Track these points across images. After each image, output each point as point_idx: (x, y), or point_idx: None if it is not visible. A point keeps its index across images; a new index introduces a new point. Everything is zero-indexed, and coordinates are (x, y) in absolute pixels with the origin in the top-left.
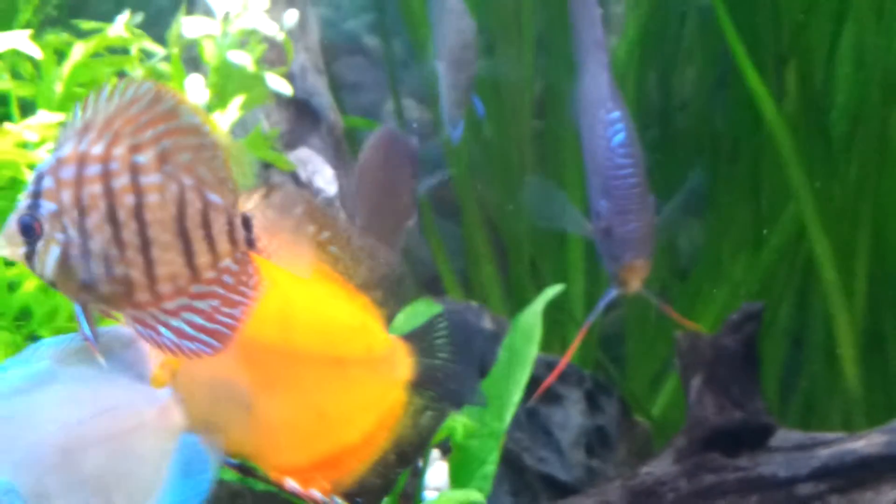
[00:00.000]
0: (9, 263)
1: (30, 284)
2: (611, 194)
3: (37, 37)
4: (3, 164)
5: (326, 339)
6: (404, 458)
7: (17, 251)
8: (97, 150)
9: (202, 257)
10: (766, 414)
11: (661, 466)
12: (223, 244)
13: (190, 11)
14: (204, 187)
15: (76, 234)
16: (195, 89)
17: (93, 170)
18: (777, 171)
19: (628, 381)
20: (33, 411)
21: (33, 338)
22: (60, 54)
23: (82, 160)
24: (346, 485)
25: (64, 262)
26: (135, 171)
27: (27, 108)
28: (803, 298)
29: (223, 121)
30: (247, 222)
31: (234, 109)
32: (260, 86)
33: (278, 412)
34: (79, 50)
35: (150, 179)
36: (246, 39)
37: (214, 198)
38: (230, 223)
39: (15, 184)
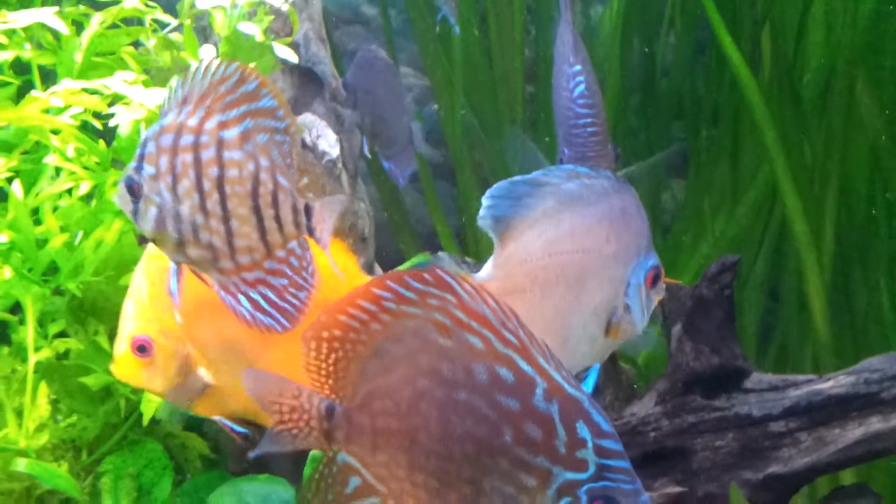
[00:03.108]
0: (36, 222)
1: (56, 241)
2: (571, 143)
3: (56, 7)
4: (30, 129)
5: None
6: None
7: (126, 208)
8: (192, 122)
9: (272, 235)
10: (741, 358)
11: (644, 408)
12: (289, 226)
13: None
14: (275, 170)
15: (169, 198)
16: (207, 59)
17: (187, 139)
18: (754, 133)
19: None
20: None
21: (59, 292)
22: (78, 25)
23: (180, 130)
24: None
25: (159, 222)
26: (220, 145)
27: (47, 77)
28: (779, 251)
29: None
30: (308, 210)
31: None
32: (268, 54)
33: (276, 365)
34: (96, 21)
35: (232, 155)
36: (254, 10)
37: (283, 181)
38: (294, 208)
39: (40, 147)
